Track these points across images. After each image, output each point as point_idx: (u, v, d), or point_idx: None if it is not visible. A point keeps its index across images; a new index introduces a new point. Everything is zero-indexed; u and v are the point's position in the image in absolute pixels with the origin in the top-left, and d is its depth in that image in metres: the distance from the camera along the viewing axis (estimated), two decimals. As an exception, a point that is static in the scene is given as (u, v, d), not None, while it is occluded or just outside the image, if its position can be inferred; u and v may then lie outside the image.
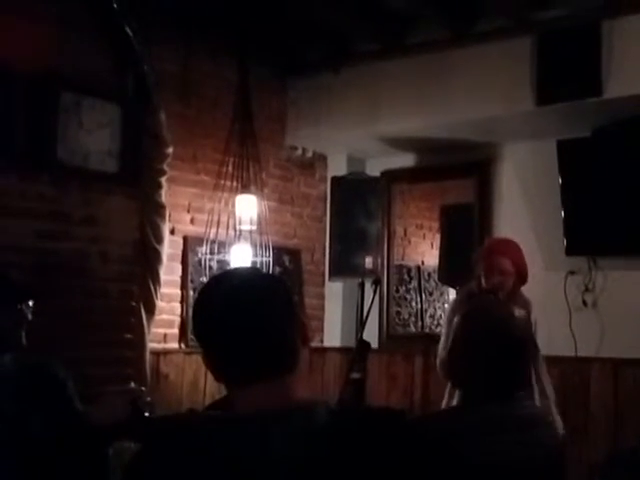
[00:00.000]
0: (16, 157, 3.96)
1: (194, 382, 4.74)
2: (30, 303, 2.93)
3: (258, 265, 4.69)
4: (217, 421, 1.45)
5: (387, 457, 1.45)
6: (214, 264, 4.70)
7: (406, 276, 5.88)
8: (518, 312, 3.70)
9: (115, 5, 4.19)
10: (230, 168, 4.81)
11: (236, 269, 1.79)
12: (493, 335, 2.09)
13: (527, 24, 4.53)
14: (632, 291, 4.65)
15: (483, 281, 3.81)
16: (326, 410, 1.47)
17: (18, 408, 2.80)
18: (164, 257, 4.51)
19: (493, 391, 2.07)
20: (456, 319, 2.22)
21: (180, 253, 4.82)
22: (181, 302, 4.77)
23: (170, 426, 1.49)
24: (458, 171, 5.39)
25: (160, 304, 4.53)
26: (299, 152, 5.59)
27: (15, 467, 2.67)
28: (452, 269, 5.39)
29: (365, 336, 3.95)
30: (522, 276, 3.86)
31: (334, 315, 5.69)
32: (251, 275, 1.61)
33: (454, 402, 3.60)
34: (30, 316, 2.92)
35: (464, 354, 2.14)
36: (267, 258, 4.77)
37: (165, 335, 4.68)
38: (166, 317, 4.67)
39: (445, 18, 4.73)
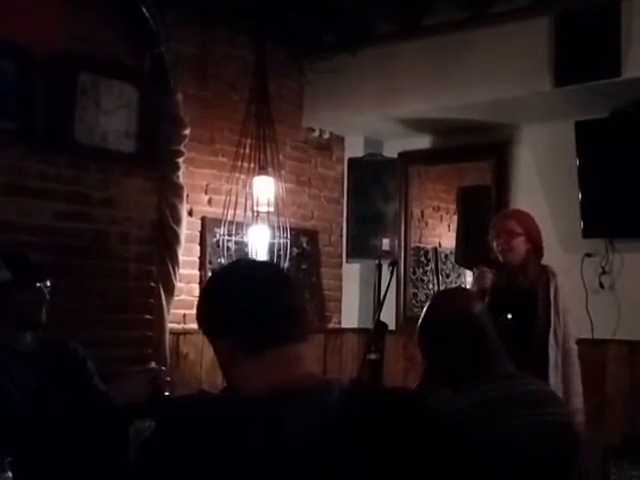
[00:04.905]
0: (34, 138, 3.97)
1: (213, 361, 4.76)
2: (48, 282, 2.96)
3: (276, 246, 4.72)
4: (229, 403, 1.43)
5: (401, 437, 1.42)
6: (232, 245, 4.72)
7: (423, 258, 5.88)
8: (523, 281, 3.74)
9: (133, -14, 4.20)
10: (247, 150, 4.81)
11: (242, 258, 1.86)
12: (444, 315, 2.23)
13: (545, 4, 4.49)
14: (649, 273, 4.64)
15: (495, 248, 3.80)
16: (340, 389, 1.44)
17: (39, 385, 2.84)
18: (182, 238, 4.53)
19: (471, 369, 2.10)
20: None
21: (198, 234, 4.84)
22: (200, 283, 4.79)
23: (181, 410, 1.47)
24: (475, 153, 5.37)
25: (179, 285, 4.56)
26: (316, 134, 5.59)
27: (35, 443, 2.71)
28: (469, 251, 5.38)
29: (382, 317, 3.97)
30: (534, 242, 3.79)
31: (351, 296, 5.71)
32: (260, 260, 1.67)
33: None
34: (48, 295, 2.94)
35: (430, 342, 2.29)
36: (284, 239, 4.78)
37: (184, 315, 4.70)
38: (185, 298, 4.69)
39: (462, -1, 4.71)
